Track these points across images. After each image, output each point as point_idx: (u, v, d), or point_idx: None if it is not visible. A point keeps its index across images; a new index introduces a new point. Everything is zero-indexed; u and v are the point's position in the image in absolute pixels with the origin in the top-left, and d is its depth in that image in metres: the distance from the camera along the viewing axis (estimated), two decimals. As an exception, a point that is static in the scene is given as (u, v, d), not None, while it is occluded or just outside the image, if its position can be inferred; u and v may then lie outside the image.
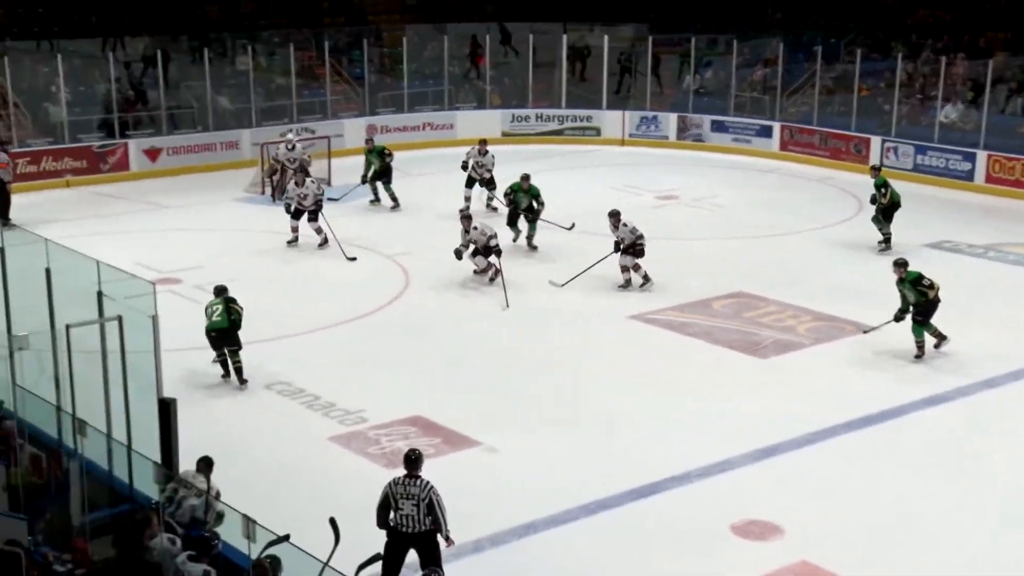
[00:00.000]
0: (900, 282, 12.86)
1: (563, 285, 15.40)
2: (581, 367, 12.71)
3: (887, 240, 17.20)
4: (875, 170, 17.76)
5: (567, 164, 23.01)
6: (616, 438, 10.99)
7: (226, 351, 12.12)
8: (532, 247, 17.05)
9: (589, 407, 11.65)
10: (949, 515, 9.62)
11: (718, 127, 24.95)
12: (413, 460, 8.09)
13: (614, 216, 15.45)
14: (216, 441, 9.89)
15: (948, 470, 10.38)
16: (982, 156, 21.19)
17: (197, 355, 12.81)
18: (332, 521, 7.28)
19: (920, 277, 12.79)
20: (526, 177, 17.15)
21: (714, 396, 11.95)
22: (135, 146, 21.97)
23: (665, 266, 16.41)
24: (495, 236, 15.37)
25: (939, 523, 9.49)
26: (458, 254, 15.45)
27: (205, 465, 8.48)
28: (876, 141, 22.60)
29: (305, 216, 17.19)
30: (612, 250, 15.37)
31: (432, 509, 7.97)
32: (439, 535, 8.06)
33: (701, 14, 28.78)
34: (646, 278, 15.24)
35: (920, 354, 12.77)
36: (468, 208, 17.36)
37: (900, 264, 12.94)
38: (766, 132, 24.36)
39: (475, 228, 15.32)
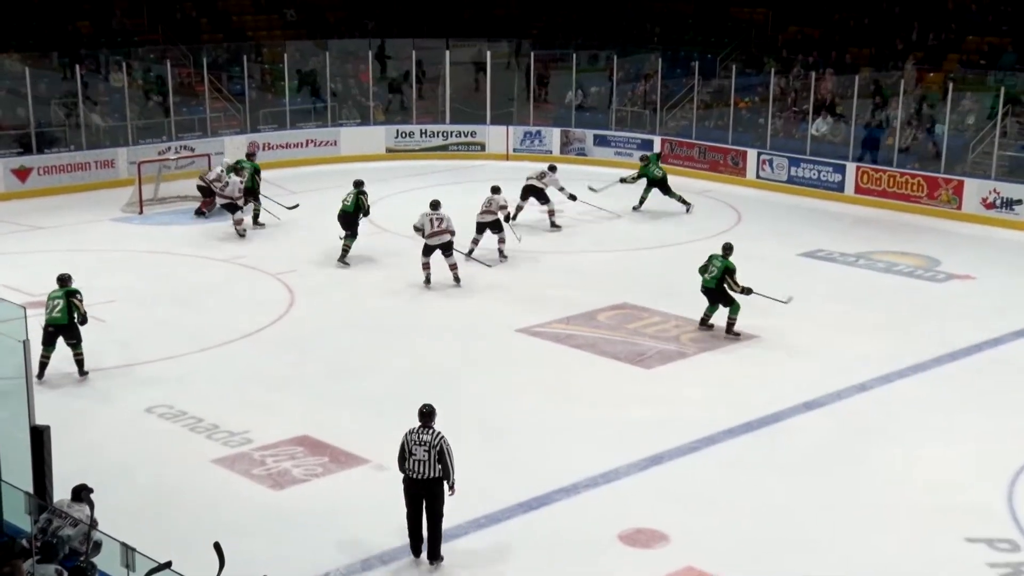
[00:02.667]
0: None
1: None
2: (469, 381, 12.72)
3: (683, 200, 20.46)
4: (651, 156, 21.06)
5: (452, 179, 23.06)
6: (504, 451, 11.02)
7: (67, 344, 12.28)
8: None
9: (477, 421, 11.65)
10: (828, 518, 9.89)
11: (601, 141, 25.36)
12: (426, 413, 8.93)
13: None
14: (94, 468, 9.60)
15: (826, 473, 10.68)
16: (851, 168, 22.00)
17: (75, 379, 12.44)
18: (216, 545, 7.13)
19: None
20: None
21: (600, 407, 12.08)
22: (3, 166, 21.19)
23: (550, 278, 16.59)
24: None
25: (819, 526, 9.75)
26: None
27: (83, 494, 8.20)
28: (752, 154, 23.27)
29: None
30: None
31: (442, 457, 8.76)
32: (445, 483, 8.84)
33: (582, 30, 29.20)
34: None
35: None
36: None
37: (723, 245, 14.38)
38: (647, 146, 24.80)
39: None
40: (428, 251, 15.95)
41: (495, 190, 17.83)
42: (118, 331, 13.99)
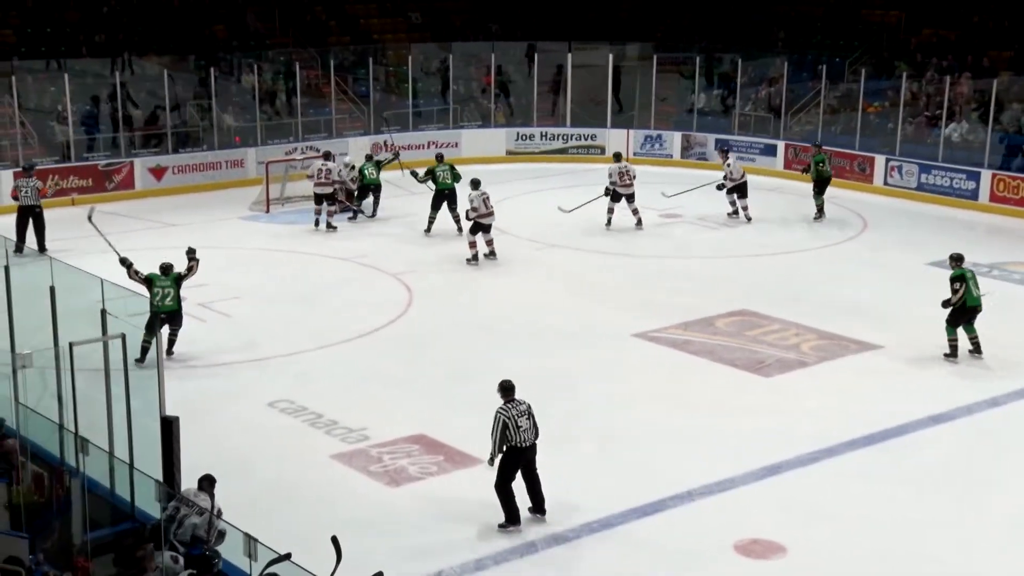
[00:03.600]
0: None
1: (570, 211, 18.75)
2: (584, 385, 12.72)
3: (820, 210, 20.10)
4: (817, 147, 20.63)
5: (572, 182, 23.03)
6: (619, 456, 10.98)
7: (168, 330, 12.92)
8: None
9: (592, 425, 11.65)
10: (951, 535, 9.59)
11: (722, 146, 24.96)
12: (510, 388, 9.70)
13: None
14: (218, 459, 9.93)
15: (951, 490, 10.35)
16: (986, 175, 21.19)
17: (201, 373, 12.87)
18: (334, 539, 7.27)
19: (956, 278, 13.29)
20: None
21: (717, 414, 11.94)
22: (140, 164, 22.08)
23: (669, 283, 16.47)
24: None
25: (940, 543, 9.45)
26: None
27: (208, 483, 8.49)
28: (880, 160, 22.63)
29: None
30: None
31: (534, 419, 9.65)
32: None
33: (706, 33, 28.90)
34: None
35: (948, 353, 13.36)
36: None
37: (953, 258, 13.54)
38: (770, 151, 24.40)
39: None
40: (478, 229, 16.99)
41: (618, 157, 19.35)
42: (242, 327, 14.42)
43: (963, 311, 13.25)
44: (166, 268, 13.08)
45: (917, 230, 19.75)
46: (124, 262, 13.04)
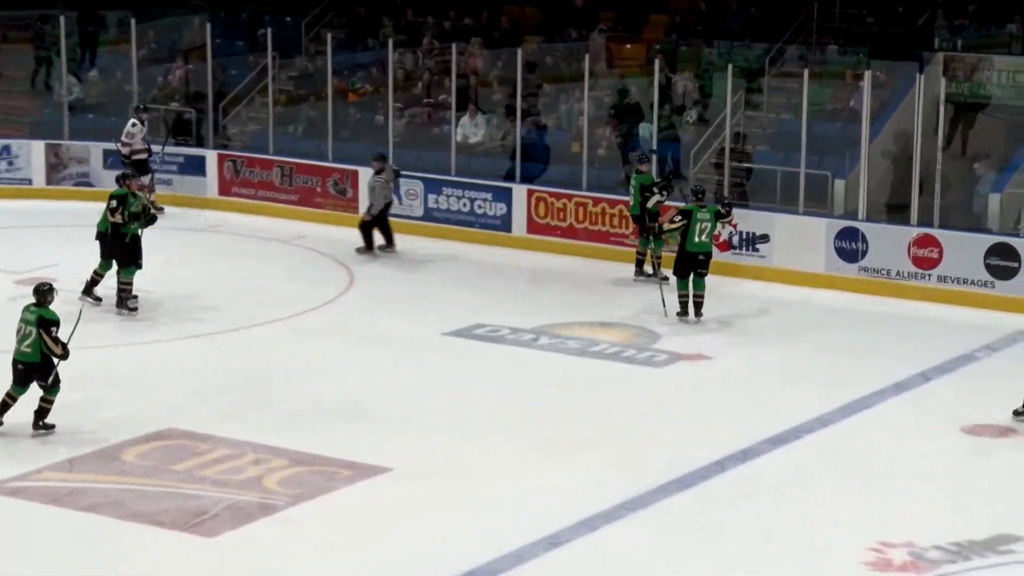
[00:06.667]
0: None
1: None
2: None
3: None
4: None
5: None
6: None
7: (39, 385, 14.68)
8: None
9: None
10: None
11: (116, 163, 24.61)
12: None
13: None
14: None
15: None
16: (520, 193, 22.70)
17: None
18: None
19: (684, 211, 18.54)
20: None
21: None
22: None
23: (35, 394, 15.80)
24: None
25: None
26: None
27: None
28: (365, 174, 23.37)
29: None
30: None
31: None
32: None
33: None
34: None
35: (679, 311, 18.72)
36: None
37: (694, 192, 19.15)
38: (196, 167, 24.92)
39: None
40: None
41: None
42: None
43: (685, 258, 18.08)
44: (37, 293, 14.73)
45: (428, 283, 20.64)
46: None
